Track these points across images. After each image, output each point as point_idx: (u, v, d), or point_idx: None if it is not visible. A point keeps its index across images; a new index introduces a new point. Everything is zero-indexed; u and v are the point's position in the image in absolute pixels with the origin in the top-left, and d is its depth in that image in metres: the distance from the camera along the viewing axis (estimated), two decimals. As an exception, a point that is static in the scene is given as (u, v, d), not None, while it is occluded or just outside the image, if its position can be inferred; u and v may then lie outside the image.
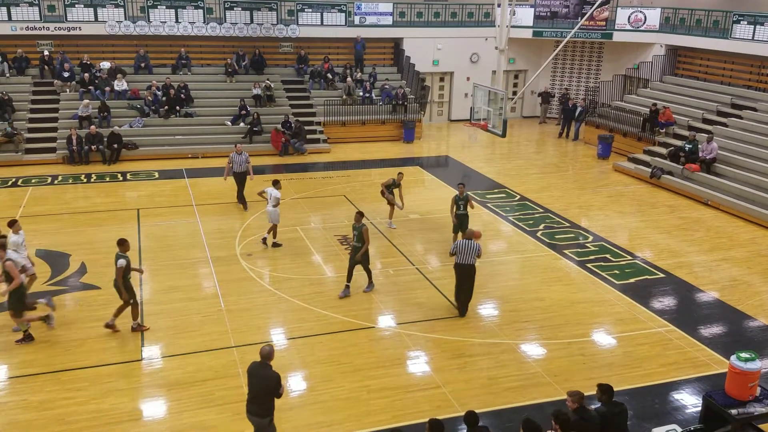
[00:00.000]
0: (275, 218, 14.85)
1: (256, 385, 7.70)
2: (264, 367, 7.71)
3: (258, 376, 7.70)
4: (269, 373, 7.67)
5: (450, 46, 28.63)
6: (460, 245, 11.69)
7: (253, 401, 7.76)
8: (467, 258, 11.62)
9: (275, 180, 15.23)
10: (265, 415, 7.75)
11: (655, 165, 21.05)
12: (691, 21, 25.53)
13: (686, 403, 9.62)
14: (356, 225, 12.43)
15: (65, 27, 24.32)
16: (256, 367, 7.75)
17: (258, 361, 7.78)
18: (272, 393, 7.67)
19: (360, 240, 12.36)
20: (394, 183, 16.06)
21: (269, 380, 7.64)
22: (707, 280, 13.89)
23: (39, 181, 19.83)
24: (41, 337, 10.95)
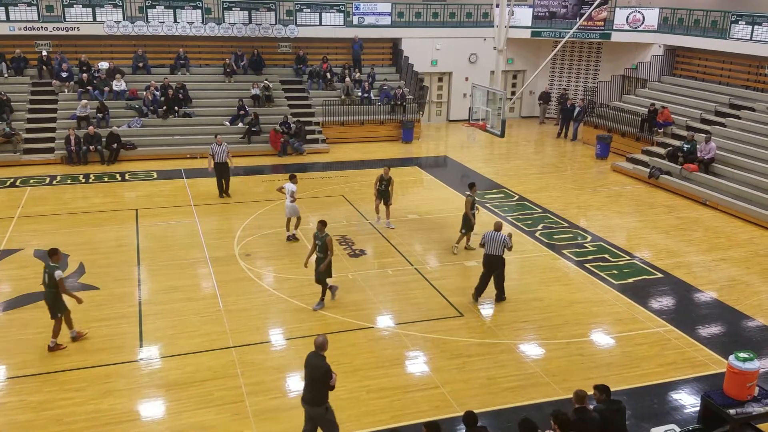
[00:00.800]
0: (294, 212, 15.14)
1: (308, 374, 7.87)
2: (317, 357, 7.87)
3: (310, 365, 7.87)
4: (320, 363, 7.80)
5: (448, 46, 28.64)
6: (488, 236, 12.13)
7: (306, 389, 7.94)
8: (496, 249, 12.06)
9: (292, 174, 15.48)
10: (318, 404, 7.88)
11: (653, 165, 21.07)
12: (689, 21, 25.56)
13: (685, 403, 9.63)
14: (319, 234, 11.82)
15: (63, 27, 24.30)
16: (310, 357, 7.93)
17: (313, 351, 7.97)
18: (322, 383, 7.78)
19: (323, 250, 11.76)
20: (383, 179, 15.98)
21: (317, 370, 7.77)
22: (706, 280, 13.90)
23: (37, 181, 19.81)
24: (40, 339, 10.93)
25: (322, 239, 11.78)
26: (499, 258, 12.16)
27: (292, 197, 15.01)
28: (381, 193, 16.05)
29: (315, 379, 7.79)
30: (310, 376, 7.85)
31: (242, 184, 20.08)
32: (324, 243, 11.74)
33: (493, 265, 12.22)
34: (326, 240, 11.71)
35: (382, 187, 15.99)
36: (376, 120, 26.04)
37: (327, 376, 7.76)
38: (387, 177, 16.02)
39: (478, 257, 14.70)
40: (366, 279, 13.48)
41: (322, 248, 11.78)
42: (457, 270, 14.05)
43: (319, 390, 7.82)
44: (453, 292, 12.92)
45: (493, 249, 12.10)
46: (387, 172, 16.12)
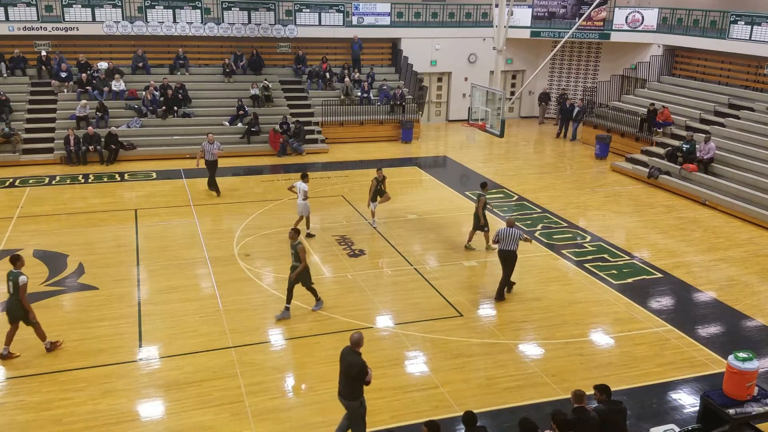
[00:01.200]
0: (305, 210, 15.28)
1: (344, 370, 8.04)
2: (352, 354, 8.02)
3: (345, 361, 8.04)
4: (356, 360, 7.96)
5: (448, 46, 28.64)
6: (502, 233, 12.36)
7: (341, 383, 8.12)
8: (510, 245, 12.32)
9: (304, 173, 15.55)
10: (353, 398, 8.06)
11: (652, 165, 21.08)
12: (688, 21, 25.57)
13: (684, 402, 9.63)
14: (292, 243, 11.59)
15: (63, 27, 24.29)
16: (346, 354, 8.08)
17: (348, 347, 8.11)
18: (357, 379, 7.94)
19: (297, 260, 11.53)
20: (379, 181, 15.99)
21: (354, 367, 7.93)
22: (705, 280, 13.90)
23: (36, 181, 19.80)
24: (37, 339, 10.91)
25: (294, 248, 11.49)
26: (513, 253, 12.46)
27: (304, 196, 15.17)
28: (379, 192, 16.04)
29: (351, 376, 7.96)
30: (346, 373, 8.01)
31: (242, 184, 20.09)
32: (296, 252, 11.46)
33: (509, 260, 12.53)
34: (298, 249, 11.42)
35: (380, 187, 16.00)
36: (376, 120, 26.05)
37: (363, 373, 7.93)
38: (382, 177, 16.07)
39: (478, 257, 14.73)
40: (365, 279, 13.48)
41: (296, 257, 11.52)
42: (456, 270, 14.05)
43: (354, 385, 8.01)
44: (452, 292, 12.92)
45: (507, 245, 12.37)
46: (381, 173, 16.18)
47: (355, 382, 7.96)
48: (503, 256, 12.52)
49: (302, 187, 15.16)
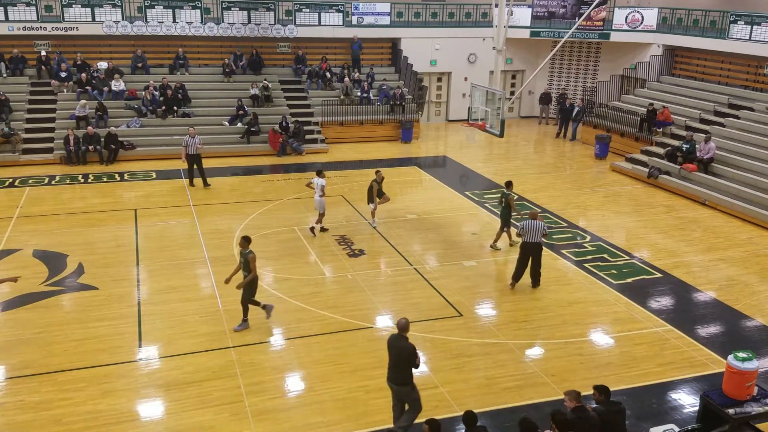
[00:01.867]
0: (320, 207, 15.48)
1: (395, 355, 8.26)
2: (401, 339, 8.26)
3: (395, 347, 8.25)
4: (405, 345, 8.20)
5: (448, 46, 28.64)
6: (527, 225, 12.67)
7: (392, 370, 8.34)
8: (534, 237, 12.65)
9: (319, 170, 15.83)
10: (405, 383, 8.30)
11: (652, 165, 21.08)
12: (688, 21, 25.57)
13: (684, 402, 9.64)
14: (242, 251, 11.10)
15: (62, 27, 24.28)
16: (394, 340, 8.30)
17: (395, 334, 8.35)
18: (408, 363, 8.19)
19: (247, 269, 11.03)
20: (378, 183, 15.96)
21: (405, 351, 8.16)
22: (704, 279, 13.91)
23: (36, 181, 19.80)
24: (39, 339, 10.93)
25: (245, 256, 11.00)
26: (538, 245, 12.81)
27: (321, 192, 15.38)
28: (378, 193, 16.04)
29: (402, 360, 8.19)
30: (397, 357, 8.23)
31: (241, 184, 20.09)
32: (246, 260, 10.99)
33: (532, 252, 12.85)
34: (249, 257, 10.93)
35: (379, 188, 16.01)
36: (376, 120, 26.04)
37: (413, 356, 8.17)
38: (381, 179, 16.07)
39: (478, 257, 14.73)
40: (365, 279, 13.48)
41: (245, 266, 11.02)
42: (456, 270, 14.05)
43: (405, 370, 8.24)
44: (452, 292, 12.93)
45: (531, 237, 12.70)
46: (380, 175, 16.20)
47: (406, 366, 8.22)
48: (529, 249, 12.83)
49: (319, 183, 15.42)
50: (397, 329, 8.35)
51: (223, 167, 21.74)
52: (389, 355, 8.38)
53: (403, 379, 8.29)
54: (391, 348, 8.33)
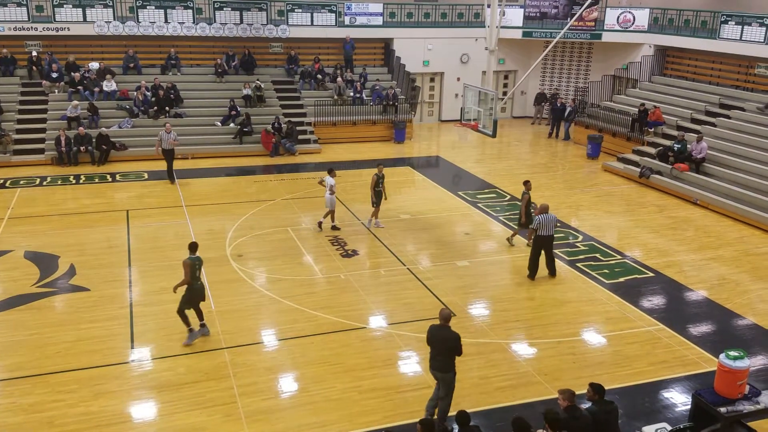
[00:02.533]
0: (331, 204, 15.66)
1: (439, 345, 8.55)
2: (443, 328, 8.55)
3: (439, 337, 8.54)
4: (449, 334, 8.53)
5: (440, 46, 28.68)
6: (542, 219, 13.12)
7: (436, 358, 8.61)
8: (549, 230, 13.19)
9: (330, 169, 15.99)
10: (449, 370, 8.61)
11: (644, 165, 21.17)
12: (679, 21, 25.70)
13: (676, 401, 9.69)
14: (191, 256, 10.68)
15: (54, 27, 24.16)
16: (437, 330, 8.58)
17: (437, 324, 8.61)
18: (453, 351, 8.52)
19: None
20: (380, 177, 16.00)
21: (450, 340, 8.50)
22: (696, 279, 13.98)
23: (27, 182, 19.69)
24: (31, 340, 10.88)
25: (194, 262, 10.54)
26: (551, 237, 13.32)
27: (331, 190, 15.53)
28: (379, 194, 16.00)
29: (448, 349, 8.50)
30: (442, 346, 8.52)
31: (234, 184, 20.05)
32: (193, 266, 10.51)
33: (546, 245, 13.30)
34: (183, 263, 10.52)
35: (379, 188, 15.98)
36: (369, 120, 26.04)
37: (458, 344, 8.51)
38: (382, 174, 16.06)
39: (471, 257, 14.75)
40: (358, 279, 13.48)
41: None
42: (449, 270, 14.07)
43: (450, 358, 8.56)
44: (445, 292, 12.94)
45: (547, 230, 13.18)
46: (381, 170, 16.17)
47: (451, 354, 8.52)
48: (544, 242, 13.27)
49: (330, 181, 15.54)
50: (441, 320, 8.61)
51: (215, 168, 21.69)
52: (432, 345, 8.62)
53: (449, 366, 8.61)
54: (435, 338, 8.60)
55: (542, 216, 13.15)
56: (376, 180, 15.95)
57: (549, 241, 13.34)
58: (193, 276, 10.60)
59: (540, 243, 13.33)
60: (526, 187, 15.19)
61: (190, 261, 10.61)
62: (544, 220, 13.12)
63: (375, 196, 16.06)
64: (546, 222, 13.12)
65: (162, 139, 19.60)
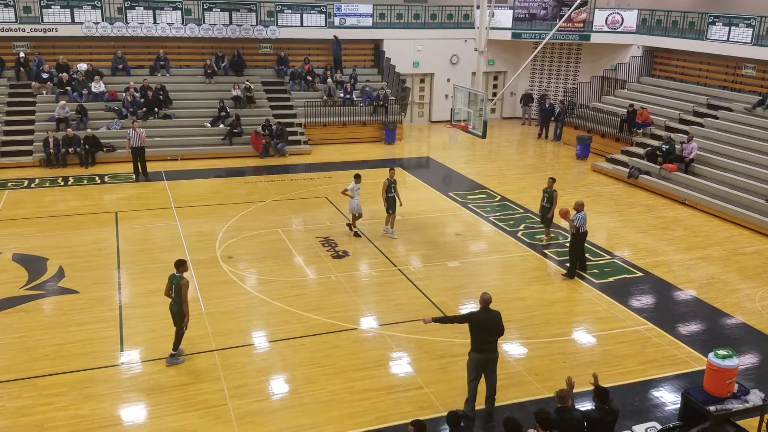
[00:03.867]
0: (353, 208, 15.60)
1: (491, 327, 8.92)
2: (488, 311, 8.95)
3: (489, 319, 8.92)
4: (496, 314, 9.01)
5: (430, 47, 28.72)
6: (583, 216, 13.41)
7: (488, 342, 8.95)
8: (585, 225, 13.62)
9: (356, 174, 15.70)
10: (496, 350, 9.13)
11: (632, 165, 21.29)
12: (667, 22, 25.88)
13: (665, 400, 9.74)
14: (175, 275, 10.10)
15: (41, 28, 23.99)
16: (485, 313, 8.94)
17: (483, 308, 8.95)
18: (502, 330, 9.04)
19: (177, 293, 10.05)
20: (391, 182, 15.49)
21: (497, 318, 8.98)
22: (685, 278, 14.07)
23: (15, 184, 19.54)
24: (19, 343, 10.79)
25: (176, 282, 10.04)
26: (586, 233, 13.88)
27: (355, 195, 15.46)
28: (392, 200, 15.53)
29: (498, 328, 8.96)
30: (492, 328, 8.92)
31: (224, 185, 19.97)
32: (178, 286, 10.02)
33: (584, 241, 13.81)
34: (180, 283, 9.99)
35: (392, 193, 15.54)
36: (359, 121, 26.04)
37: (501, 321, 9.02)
38: (393, 179, 15.62)
39: (462, 257, 14.78)
40: (349, 280, 13.47)
41: (176, 291, 10.06)
42: (440, 270, 14.09)
43: (497, 337, 9.05)
44: (436, 293, 12.96)
45: (585, 226, 13.57)
46: (393, 174, 15.85)
47: (500, 333, 9.03)
48: (582, 237, 13.65)
49: (354, 187, 15.40)
50: (483, 304, 8.93)
51: (205, 169, 21.61)
52: (481, 329, 8.87)
53: (496, 346, 9.07)
54: (485, 321, 8.90)
55: (581, 214, 13.39)
56: (388, 185, 15.44)
57: (584, 237, 13.79)
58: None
59: (582, 239, 13.66)
60: (552, 185, 15.63)
61: (187, 281, 10.11)
62: (583, 217, 13.40)
63: (387, 201, 15.58)
64: (585, 219, 13.47)
65: (130, 137, 19.94)
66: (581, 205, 13.50)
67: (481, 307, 8.98)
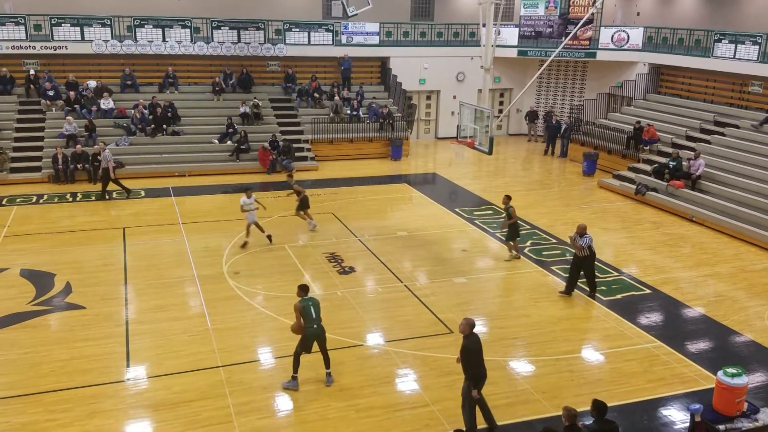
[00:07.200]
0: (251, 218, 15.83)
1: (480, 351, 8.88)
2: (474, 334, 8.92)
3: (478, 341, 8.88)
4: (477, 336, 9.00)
5: (436, 65, 28.88)
6: (589, 239, 13.36)
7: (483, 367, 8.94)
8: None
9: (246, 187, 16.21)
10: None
11: (639, 182, 21.25)
12: (673, 40, 25.96)
13: (674, 419, 9.64)
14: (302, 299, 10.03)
15: (52, 46, 24.29)
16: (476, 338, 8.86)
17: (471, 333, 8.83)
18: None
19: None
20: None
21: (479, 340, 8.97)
22: (693, 295, 13.98)
23: (24, 200, 19.67)
24: (25, 359, 10.80)
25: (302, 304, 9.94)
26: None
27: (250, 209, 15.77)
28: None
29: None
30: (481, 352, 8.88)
31: (231, 201, 20.00)
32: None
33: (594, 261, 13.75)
34: (294, 306, 9.87)
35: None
36: (365, 138, 26.14)
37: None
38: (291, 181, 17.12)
39: (469, 273, 14.74)
40: (355, 296, 13.45)
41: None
42: (446, 286, 14.05)
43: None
44: (443, 309, 12.91)
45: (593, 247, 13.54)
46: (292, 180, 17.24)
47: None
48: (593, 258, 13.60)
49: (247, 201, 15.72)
50: (471, 329, 8.83)
51: (212, 185, 21.70)
52: (479, 353, 8.81)
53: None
54: (479, 347, 8.83)
55: (586, 236, 13.29)
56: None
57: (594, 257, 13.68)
58: (308, 318, 9.89)
59: (593, 259, 13.52)
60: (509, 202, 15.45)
61: (298, 304, 9.92)
62: (589, 239, 13.32)
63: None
64: (591, 240, 13.35)
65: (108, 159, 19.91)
66: (584, 229, 13.35)
67: (469, 332, 8.84)
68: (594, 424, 7.62)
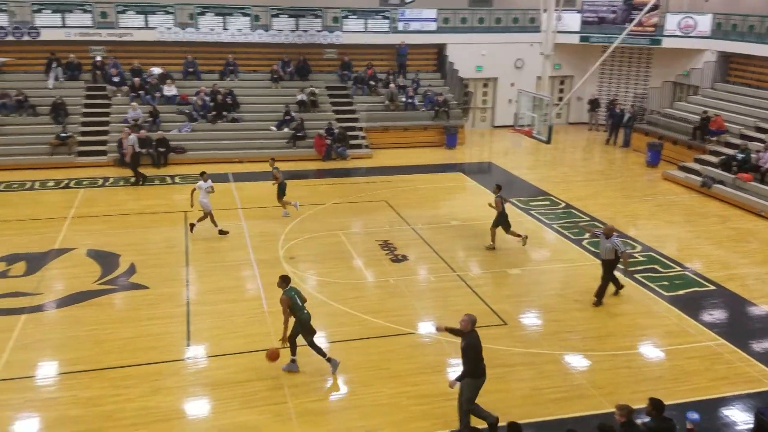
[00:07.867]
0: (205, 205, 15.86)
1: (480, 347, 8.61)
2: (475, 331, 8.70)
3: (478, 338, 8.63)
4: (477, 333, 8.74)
5: (494, 51, 28.45)
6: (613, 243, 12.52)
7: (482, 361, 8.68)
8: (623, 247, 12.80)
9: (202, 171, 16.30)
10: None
11: (705, 174, 20.49)
12: (743, 27, 24.81)
13: (737, 419, 9.31)
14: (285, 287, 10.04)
15: (117, 33, 25.04)
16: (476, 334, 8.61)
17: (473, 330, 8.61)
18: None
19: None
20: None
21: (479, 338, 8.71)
22: (760, 293, 13.42)
23: (90, 183, 20.42)
24: (91, 336, 11.26)
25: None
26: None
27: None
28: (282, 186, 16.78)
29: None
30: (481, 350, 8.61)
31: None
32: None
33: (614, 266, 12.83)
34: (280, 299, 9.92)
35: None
36: (420, 126, 26.03)
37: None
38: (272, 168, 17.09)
39: (523, 265, 14.55)
40: (407, 284, 13.46)
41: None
42: (500, 277, 13.91)
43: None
44: (496, 299, 12.80)
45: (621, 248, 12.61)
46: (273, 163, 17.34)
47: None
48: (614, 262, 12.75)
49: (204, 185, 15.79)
50: (473, 325, 8.61)
51: (269, 171, 21.97)
52: (480, 351, 8.57)
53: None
54: (479, 342, 8.57)
55: (612, 238, 12.45)
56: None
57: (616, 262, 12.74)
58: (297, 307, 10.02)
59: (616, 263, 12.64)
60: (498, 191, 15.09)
61: (286, 297, 9.96)
62: (614, 243, 12.44)
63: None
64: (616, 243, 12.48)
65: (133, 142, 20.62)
66: (611, 230, 12.52)
67: (471, 328, 8.57)
68: (652, 422, 7.43)
